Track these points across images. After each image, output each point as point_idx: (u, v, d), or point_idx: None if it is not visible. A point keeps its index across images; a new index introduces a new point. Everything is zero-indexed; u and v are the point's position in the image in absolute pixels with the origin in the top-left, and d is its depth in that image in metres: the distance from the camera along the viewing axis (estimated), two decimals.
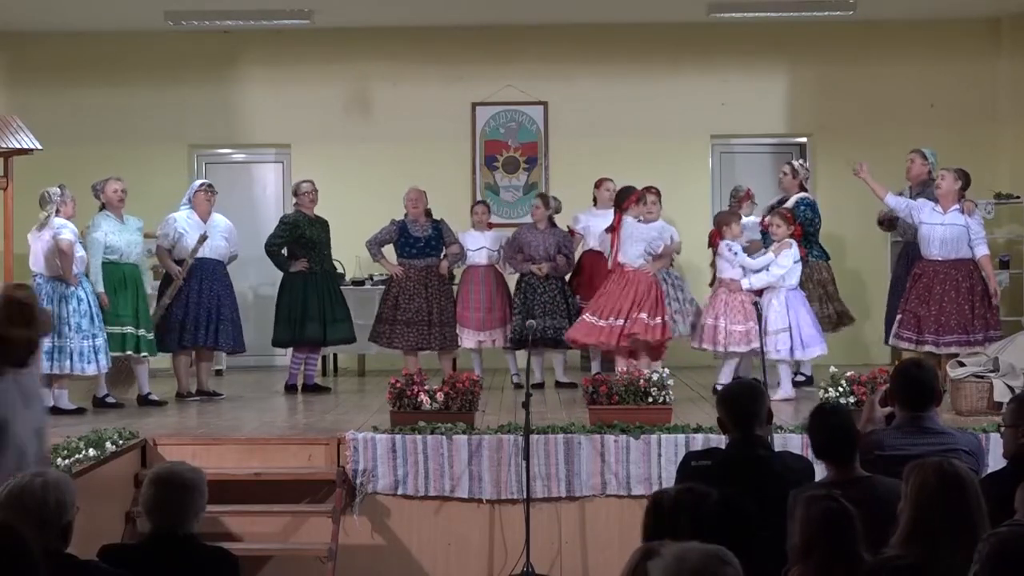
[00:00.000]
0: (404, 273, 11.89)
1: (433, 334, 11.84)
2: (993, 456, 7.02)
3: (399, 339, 11.86)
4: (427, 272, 11.90)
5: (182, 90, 14.25)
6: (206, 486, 4.98)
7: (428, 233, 11.97)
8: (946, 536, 4.07)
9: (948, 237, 10.52)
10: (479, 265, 12.11)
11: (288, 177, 14.28)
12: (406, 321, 11.81)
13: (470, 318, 11.97)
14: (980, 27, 14.24)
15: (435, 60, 14.26)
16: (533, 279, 11.85)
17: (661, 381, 9.06)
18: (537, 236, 11.95)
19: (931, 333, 10.47)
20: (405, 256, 11.96)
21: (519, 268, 11.93)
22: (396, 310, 11.86)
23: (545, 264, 11.80)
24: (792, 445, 8.31)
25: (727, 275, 10.84)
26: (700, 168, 14.47)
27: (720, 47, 14.21)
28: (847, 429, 5.39)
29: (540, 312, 11.58)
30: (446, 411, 8.99)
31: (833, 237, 13.82)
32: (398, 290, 11.90)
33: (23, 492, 4.44)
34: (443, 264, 11.97)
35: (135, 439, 8.82)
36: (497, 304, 11.99)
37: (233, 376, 13.39)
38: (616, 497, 8.77)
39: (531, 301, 11.75)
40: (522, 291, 11.89)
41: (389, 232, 12.04)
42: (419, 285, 11.86)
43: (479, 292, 12.01)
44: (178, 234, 11.31)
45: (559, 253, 11.83)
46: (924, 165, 11.32)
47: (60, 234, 10.16)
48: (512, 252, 12.00)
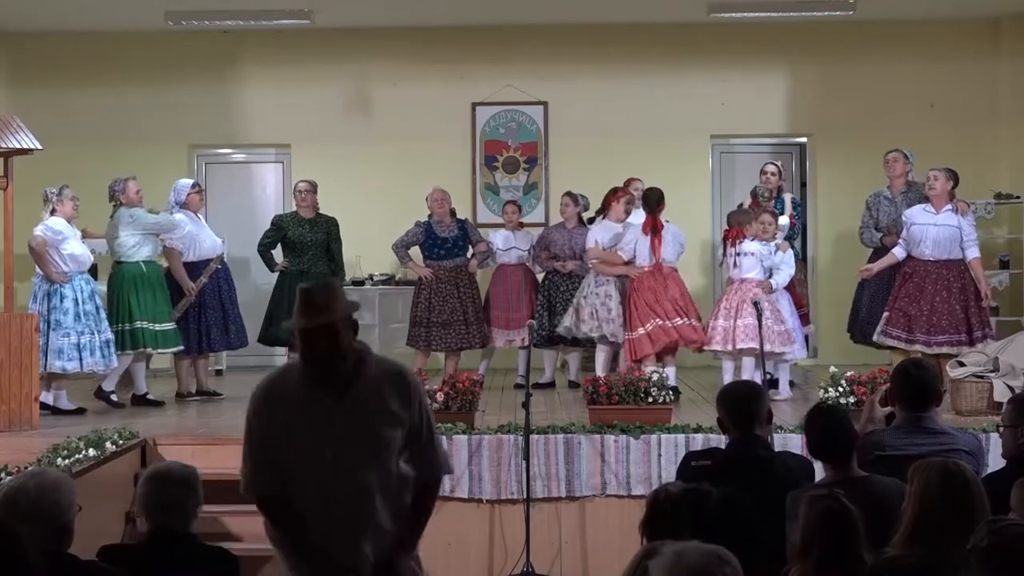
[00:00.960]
0: (434, 275, 11.89)
1: (472, 333, 11.84)
2: (993, 456, 7.03)
3: (438, 341, 11.81)
4: (457, 272, 11.89)
5: (182, 90, 14.24)
6: (200, 482, 4.99)
7: (455, 233, 11.97)
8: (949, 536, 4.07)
9: (941, 238, 10.53)
10: (509, 264, 12.13)
11: (288, 177, 14.28)
12: (443, 323, 11.78)
13: (499, 317, 11.99)
14: (980, 27, 14.23)
15: (435, 60, 14.25)
16: (557, 277, 11.88)
17: (661, 381, 9.06)
18: (564, 234, 11.97)
19: (923, 332, 10.47)
20: (433, 258, 11.94)
21: (545, 266, 11.96)
22: (430, 312, 11.81)
23: (570, 261, 11.80)
24: (792, 445, 8.31)
25: (751, 275, 10.57)
26: (700, 168, 14.46)
27: (720, 47, 14.20)
28: (840, 429, 5.38)
29: (562, 310, 11.57)
30: (446, 411, 8.99)
31: (830, 237, 13.85)
32: (429, 292, 11.85)
33: (17, 493, 4.43)
34: (472, 263, 11.98)
35: (135, 439, 8.82)
36: (525, 303, 11.98)
37: (233, 376, 13.36)
38: (616, 497, 8.78)
39: (554, 298, 11.77)
40: (546, 288, 11.92)
41: (415, 234, 12.01)
42: (450, 286, 11.84)
43: (507, 291, 12.02)
44: (190, 237, 11.29)
45: (585, 251, 11.81)
46: (907, 165, 11.34)
47: (35, 233, 10.16)
48: (539, 251, 12.04)
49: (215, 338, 11.36)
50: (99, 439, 8.33)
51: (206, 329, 11.28)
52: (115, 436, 8.55)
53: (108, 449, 8.32)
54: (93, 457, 8.03)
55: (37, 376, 9.66)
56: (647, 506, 4.34)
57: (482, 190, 14.38)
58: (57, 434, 8.74)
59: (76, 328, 10.18)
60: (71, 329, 10.15)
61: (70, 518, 4.50)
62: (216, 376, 12.70)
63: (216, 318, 11.32)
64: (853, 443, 5.34)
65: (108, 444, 8.37)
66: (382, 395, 4.80)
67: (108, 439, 8.42)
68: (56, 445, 7.97)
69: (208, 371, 11.80)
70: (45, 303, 10.14)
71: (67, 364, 10.16)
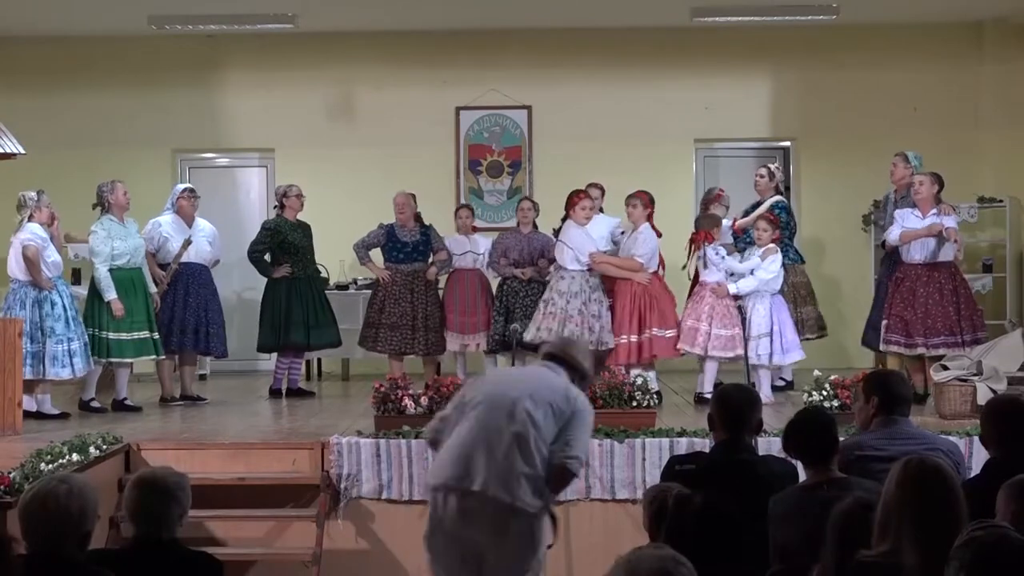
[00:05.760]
0: (391, 277, 11.89)
1: (417, 339, 11.83)
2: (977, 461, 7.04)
3: (383, 343, 11.87)
4: (413, 277, 11.90)
5: (166, 94, 14.21)
6: (189, 490, 4.98)
7: (416, 238, 11.98)
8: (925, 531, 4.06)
9: (929, 241, 10.57)
10: (464, 269, 12.10)
11: (272, 181, 14.25)
12: (391, 325, 11.81)
13: (454, 321, 11.96)
14: (963, 31, 14.28)
15: (419, 64, 14.24)
16: (515, 283, 11.82)
17: (645, 385, 9.07)
18: (520, 240, 11.95)
19: (920, 336, 10.51)
20: (392, 260, 11.96)
21: (502, 272, 11.92)
22: (381, 314, 11.87)
23: (528, 268, 11.78)
24: (775, 449, 8.25)
25: (712, 279, 10.81)
26: (684, 172, 14.48)
27: (703, 51, 14.22)
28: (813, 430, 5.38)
29: (520, 316, 11.53)
30: (430, 415, 8.95)
31: (814, 241, 13.87)
32: (384, 294, 11.90)
33: (47, 497, 4.44)
34: (431, 271, 11.97)
35: (119, 444, 8.80)
36: (481, 308, 11.96)
37: (217, 381, 13.36)
38: (600, 501, 8.78)
39: (512, 305, 11.73)
40: (504, 295, 11.87)
41: (377, 236, 12.04)
42: (404, 290, 11.86)
43: (463, 296, 12.00)
44: (163, 239, 11.31)
45: (542, 257, 11.81)
46: (907, 168, 11.35)
47: (26, 241, 10.14)
48: (495, 256, 12.00)
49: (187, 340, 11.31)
50: (83, 444, 8.31)
51: (179, 329, 11.25)
52: (99, 441, 8.53)
53: (92, 454, 8.30)
54: (77, 462, 8.01)
55: (21, 381, 9.63)
56: (653, 509, 4.35)
57: (466, 194, 14.37)
58: (41, 439, 8.73)
59: (67, 334, 10.19)
60: (63, 336, 10.16)
61: (92, 526, 4.50)
62: (200, 381, 12.68)
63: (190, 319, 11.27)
64: (835, 446, 5.35)
65: (92, 449, 8.35)
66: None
67: (92, 444, 8.40)
68: (40, 450, 7.95)
69: (193, 376, 11.76)
70: (37, 311, 10.13)
71: (61, 371, 10.18)
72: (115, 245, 10.74)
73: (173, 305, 11.26)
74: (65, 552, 4.38)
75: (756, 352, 10.42)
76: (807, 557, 4.73)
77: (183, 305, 11.29)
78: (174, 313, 11.26)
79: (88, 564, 4.53)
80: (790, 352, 10.68)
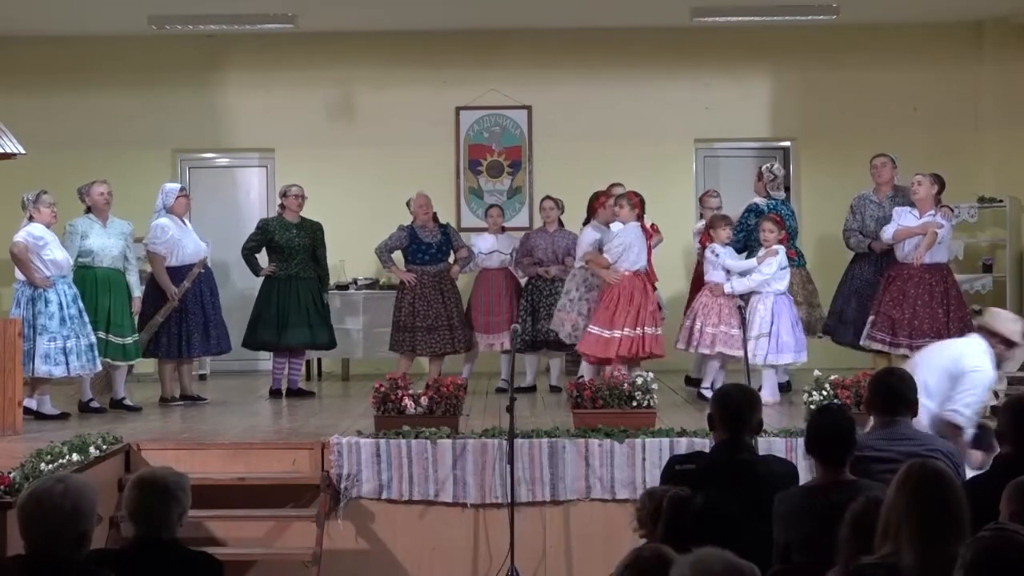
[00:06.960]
0: (417, 279, 11.88)
1: (456, 337, 11.86)
2: None
3: (423, 346, 11.83)
4: (440, 277, 11.91)
5: (166, 94, 14.21)
6: (189, 490, 4.97)
7: (438, 238, 11.98)
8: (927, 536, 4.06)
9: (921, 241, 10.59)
10: (491, 268, 12.13)
11: (272, 181, 14.26)
12: (427, 327, 11.79)
13: (481, 321, 11.99)
14: (963, 31, 14.28)
15: (419, 64, 14.24)
16: (540, 282, 11.88)
17: (645, 385, 9.08)
18: (546, 239, 11.99)
19: (905, 336, 10.51)
20: (417, 262, 11.94)
21: (527, 271, 11.96)
22: (415, 317, 11.82)
23: (553, 267, 11.81)
24: (775, 449, 8.34)
25: (710, 278, 10.83)
26: (684, 172, 14.49)
27: (704, 51, 14.23)
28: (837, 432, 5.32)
29: (545, 315, 11.58)
30: (430, 415, 8.99)
31: (815, 241, 13.86)
32: (413, 297, 11.86)
33: (43, 496, 4.43)
34: (455, 269, 12.00)
35: (119, 444, 8.80)
36: (505, 307, 11.97)
37: (217, 380, 13.36)
38: (600, 501, 8.79)
39: (537, 303, 11.78)
40: (529, 293, 11.92)
41: (399, 238, 12.00)
42: (434, 291, 11.85)
43: (487, 295, 12.03)
44: (174, 242, 11.22)
45: (568, 255, 11.80)
46: (893, 169, 11.38)
47: (15, 239, 10.12)
48: (521, 255, 12.03)
49: (195, 343, 11.27)
50: (83, 444, 8.31)
51: (187, 334, 11.20)
52: (99, 441, 8.54)
53: (92, 454, 8.30)
54: (77, 462, 8.01)
55: (20, 380, 9.62)
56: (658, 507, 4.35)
57: (466, 194, 14.38)
58: (41, 439, 8.73)
59: (62, 332, 10.13)
60: (57, 334, 10.10)
61: (90, 526, 4.49)
62: (200, 381, 12.67)
63: (197, 323, 11.24)
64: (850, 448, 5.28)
65: (92, 449, 8.35)
66: None
67: (92, 444, 8.41)
68: (40, 450, 7.95)
69: (192, 376, 11.76)
70: (30, 308, 10.08)
71: (53, 369, 10.10)
72: (81, 244, 10.67)
73: (181, 314, 11.19)
74: (61, 552, 4.37)
75: (753, 352, 10.43)
76: (809, 557, 4.73)
77: (190, 310, 11.19)
78: (182, 316, 11.16)
79: (87, 564, 4.52)
80: (783, 353, 10.64)
